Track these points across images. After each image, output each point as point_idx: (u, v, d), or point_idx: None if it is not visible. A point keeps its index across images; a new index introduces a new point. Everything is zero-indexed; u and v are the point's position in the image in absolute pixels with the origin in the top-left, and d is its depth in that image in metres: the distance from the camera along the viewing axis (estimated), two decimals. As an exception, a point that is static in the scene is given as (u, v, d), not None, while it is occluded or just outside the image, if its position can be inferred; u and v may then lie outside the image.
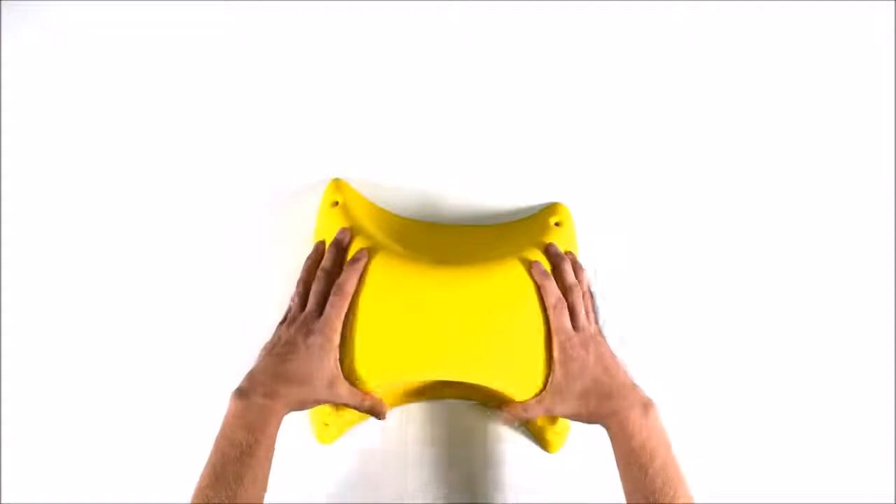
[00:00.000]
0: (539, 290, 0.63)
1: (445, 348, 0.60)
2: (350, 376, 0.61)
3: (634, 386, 0.61)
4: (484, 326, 0.61)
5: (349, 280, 0.61)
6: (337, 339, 0.60)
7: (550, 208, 0.71)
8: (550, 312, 0.62)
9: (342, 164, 0.71)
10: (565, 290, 0.63)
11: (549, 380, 0.61)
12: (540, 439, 0.69)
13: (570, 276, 0.64)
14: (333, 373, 0.60)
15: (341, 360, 0.60)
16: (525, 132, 0.71)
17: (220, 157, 0.70)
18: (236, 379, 0.69)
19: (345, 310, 0.61)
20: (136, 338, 0.70)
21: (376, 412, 0.63)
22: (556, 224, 0.69)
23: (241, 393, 0.58)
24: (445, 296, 0.61)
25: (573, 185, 0.72)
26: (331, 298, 0.61)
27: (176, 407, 0.69)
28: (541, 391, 0.62)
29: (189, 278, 0.70)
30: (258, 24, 0.69)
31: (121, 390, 0.69)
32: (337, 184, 0.70)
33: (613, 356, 0.63)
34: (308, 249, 0.69)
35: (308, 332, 0.60)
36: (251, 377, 0.59)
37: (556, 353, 0.61)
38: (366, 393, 0.61)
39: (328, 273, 0.63)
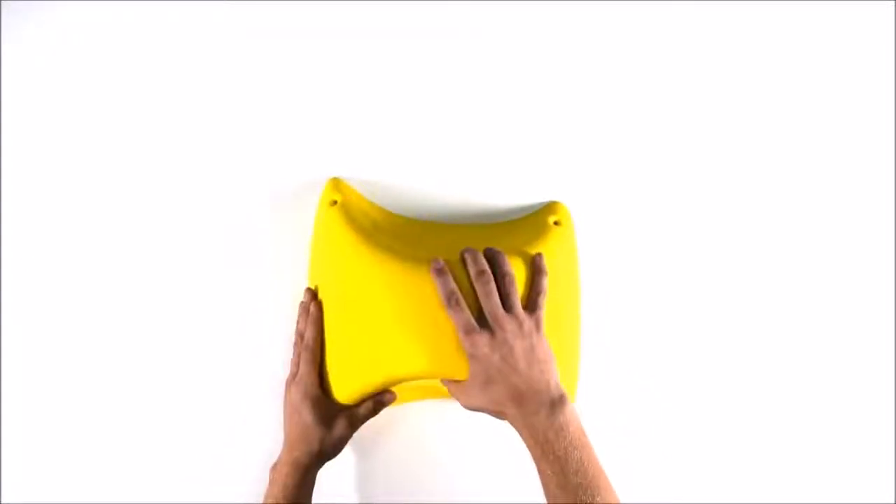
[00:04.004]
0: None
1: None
2: (348, 381, 0.63)
3: (549, 384, 0.57)
4: None
5: (310, 335, 0.65)
6: (315, 391, 0.64)
7: (549, 207, 0.71)
8: (446, 310, 0.59)
9: (342, 163, 0.71)
10: (472, 280, 0.60)
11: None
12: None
13: (477, 264, 0.60)
14: (321, 420, 0.63)
15: (332, 375, 0.64)
16: (525, 132, 0.71)
17: (219, 157, 0.70)
18: (235, 379, 0.70)
19: (316, 362, 0.65)
20: (136, 337, 0.70)
21: (383, 405, 0.66)
22: (555, 223, 0.69)
23: (274, 464, 0.65)
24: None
25: (572, 185, 0.72)
26: (303, 355, 0.65)
27: (175, 407, 0.69)
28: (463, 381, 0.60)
29: (189, 278, 0.70)
30: (257, 24, 0.70)
31: (120, 390, 0.69)
32: (336, 183, 0.70)
33: (531, 350, 0.58)
34: (308, 249, 0.69)
35: (293, 392, 0.65)
36: (284, 443, 0.66)
37: (464, 348, 0.59)
38: (362, 403, 0.65)
39: (301, 334, 0.67)
